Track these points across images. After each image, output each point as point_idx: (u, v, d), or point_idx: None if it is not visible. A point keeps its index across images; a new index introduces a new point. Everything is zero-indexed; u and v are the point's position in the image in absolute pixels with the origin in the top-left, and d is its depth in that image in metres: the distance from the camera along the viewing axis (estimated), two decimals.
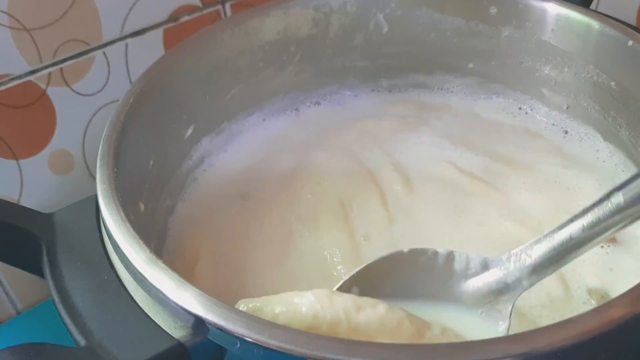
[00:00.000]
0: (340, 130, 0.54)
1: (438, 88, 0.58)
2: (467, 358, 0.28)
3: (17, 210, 0.41)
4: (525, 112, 0.55)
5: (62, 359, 0.31)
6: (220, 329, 0.30)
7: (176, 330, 0.32)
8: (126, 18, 0.53)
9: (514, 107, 0.55)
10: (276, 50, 0.53)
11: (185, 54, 0.48)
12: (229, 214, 0.48)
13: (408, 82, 0.58)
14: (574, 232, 0.34)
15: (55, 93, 0.52)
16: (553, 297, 0.40)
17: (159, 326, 0.32)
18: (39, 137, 0.53)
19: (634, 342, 0.31)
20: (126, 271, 0.35)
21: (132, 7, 0.53)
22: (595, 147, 0.51)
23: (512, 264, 0.36)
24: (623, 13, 0.60)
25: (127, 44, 0.54)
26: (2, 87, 0.50)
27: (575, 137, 0.52)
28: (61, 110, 0.53)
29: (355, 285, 0.38)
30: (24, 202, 0.54)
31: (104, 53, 0.53)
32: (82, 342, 0.32)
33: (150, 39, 0.55)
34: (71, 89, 0.53)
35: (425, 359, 0.28)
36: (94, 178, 0.38)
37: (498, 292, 0.36)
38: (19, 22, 0.48)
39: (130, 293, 0.35)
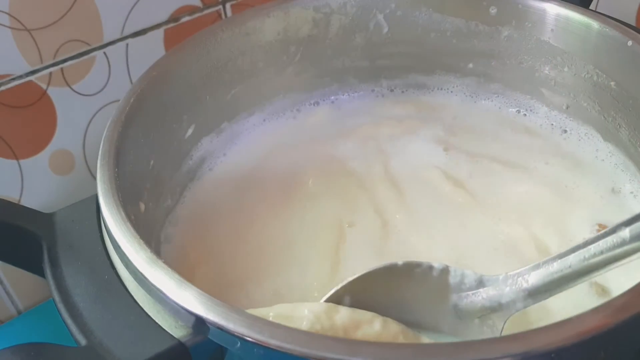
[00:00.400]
0: (340, 131, 0.55)
1: (438, 88, 0.58)
2: (467, 358, 0.28)
3: (18, 210, 0.41)
4: (525, 112, 0.55)
5: (63, 358, 0.31)
6: (221, 329, 0.30)
7: (177, 330, 0.32)
8: (127, 18, 0.53)
9: (513, 107, 0.55)
10: (276, 50, 0.53)
11: (186, 54, 0.48)
12: (229, 214, 0.48)
13: (408, 83, 0.58)
14: (574, 262, 0.33)
15: (56, 93, 0.52)
16: None
17: (159, 326, 0.33)
18: (39, 137, 0.53)
19: (634, 342, 0.31)
20: (127, 271, 0.35)
21: (133, 7, 0.53)
22: (595, 147, 0.51)
23: (508, 286, 0.35)
24: (623, 13, 0.60)
25: (127, 44, 0.54)
26: (3, 87, 0.50)
27: (575, 137, 0.52)
28: (62, 110, 0.53)
29: (347, 294, 0.37)
30: (25, 202, 0.54)
31: (104, 53, 0.53)
32: (83, 341, 0.32)
33: (151, 39, 0.55)
34: (72, 89, 0.53)
35: (425, 359, 0.29)
36: (94, 178, 0.38)
37: (491, 310, 0.36)
38: (20, 23, 0.48)
39: (131, 293, 0.35)
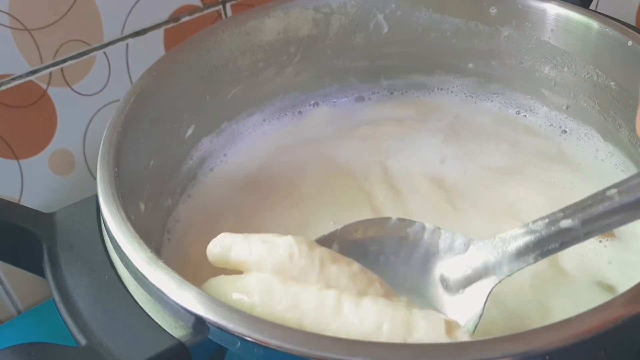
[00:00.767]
0: (340, 131, 0.54)
1: (438, 88, 0.58)
2: (467, 358, 0.28)
3: (18, 210, 0.41)
4: (525, 112, 0.55)
5: (63, 358, 0.31)
6: (221, 329, 0.30)
7: (177, 330, 0.32)
8: (127, 18, 0.53)
9: (513, 107, 0.55)
10: (276, 50, 0.53)
11: (186, 54, 0.48)
12: (230, 214, 0.48)
13: (408, 83, 0.58)
14: (563, 225, 0.33)
15: (56, 93, 0.52)
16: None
17: (159, 326, 0.33)
18: (39, 137, 0.53)
19: (634, 342, 0.31)
20: (127, 271, 0.35)
21: (133, 7, 0.53)
22: (595, 147, 0.51)
23: (495, 248, 0.35)
24: (623, 13, 0.60)
25: (127, 44, 0.54)
26: (3, 87, 0.50)
27: (575, 137, 0.52)
28: (62, 110, 0.53)
29: (337, 243, 0.37)
30: (25, 202, 0.54)
31: (104, 53, 0.54)
32: (83, 341, 0.32)
33: (151, 39, 0.55)
34: (72, 89, 0.53)
35: (425, 359, 0.29)
36: (94, 178, 0.38)
37: (477, 275, 0.36)
38: (20, 23, 0.48)
39: (131, 292, 0.35)
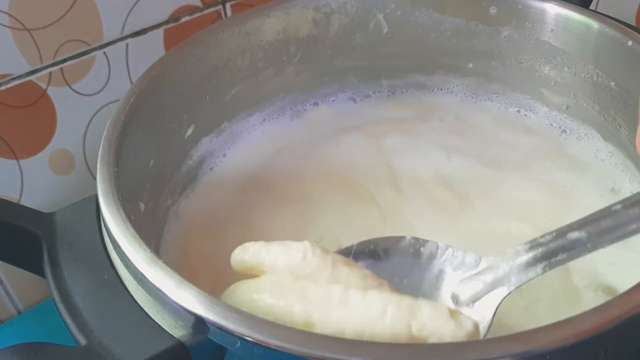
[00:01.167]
0: (340, 131, 0.54)
1: (438, 88, 0.58)
2: (467, 358, 0.28)
3: (18, 210, 0.41)
4: (525, 112, 0.55)
5: (63, 358, 0.31)
6: (221, 329, 0.30)
7: (176, 330, 0.32)
8: (127, 18, 0.53)
9: (513, 107, 0.55)
10: (276, 50, 0.53)
11: (186, 54, 0.48)
12: (230, 214, 0.48)
13: (408, 83, 0.58)
14: (571, 237, 0.34)
15: (55, 93, 0.52)
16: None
17: (159, 325, 0.33)
18: (39, 137, 0.53)
19: (634, 342, 0.31)
20: (127, 271, 0.35)
21: (133, 7, 0.53)
22: (595, 147, 0.51)
23: (505, 260, 0.36)
24: (623, 13, 0.60)
25: (127, 44, 0.54)
26: (3, 87, 0.50)
27: (575, 137, 0.52)
28: (62, 110, 0.53)
29: (352, 257, 0.38)
30: (25, 202, 0.54)
31: (104, 53, 0.54)
32: (83, 341, 0.32)
33: (151, 39, 0.55)
34: (72, 88, 0.53)
35: (425, 359, 0.29)
36: (94, 178, 0.38)
37: (486, 289, 0.36)
38: (20, 22, 0.48)
39: (131, 292, 0.35)
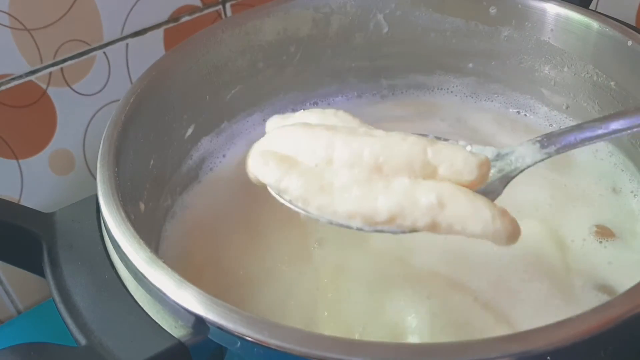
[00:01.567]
0: None
1: (438, 88, 0.58)
2: (467, 358, 0.28)
3: (18, 210, 0.41)
4: (525, 112, 0.55)
5: (63, 358, 0.31)
6: (221, 328, 0.30)
7: (176, 330, 0.32)
8: (127, 18, 0.53)
9: (513, 107, 0.55)
10: (276, 50, 0.53)
11: (186, 54, 0.48)
12: (230, 214, 0.48)
13: (408, 83, 0.58)
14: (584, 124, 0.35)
15: (55, 93, 0.52)
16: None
17: (159, 325, 0.33)
18: (39, 137, 0.53)
19: (634, 342, 0.31)
20: (126, 270, 0.35)
21: (133, 7, 0.53)
22: (595, 146, 0.51)
23: (520, 146, 0.37)
24: (623, 13, 0.60)
25: (127, 44, 0.54)
26: (3, 87, 0.50)
27: None
28: (62, 110, 0.53)
29: None
30: (25, 202, 0.54)
31: (104, 53, 0.53)
32: (83, 341, 0.32)
33: (151, 39, 0.55)
34: (72, 88, 0.53)
35: (425, 359, 0.29)
36: (94, 178, 0.38)
37: (503, 169, 0.37)
38: (20, 22, 0.48)
39: (131, 292, 0.35)
